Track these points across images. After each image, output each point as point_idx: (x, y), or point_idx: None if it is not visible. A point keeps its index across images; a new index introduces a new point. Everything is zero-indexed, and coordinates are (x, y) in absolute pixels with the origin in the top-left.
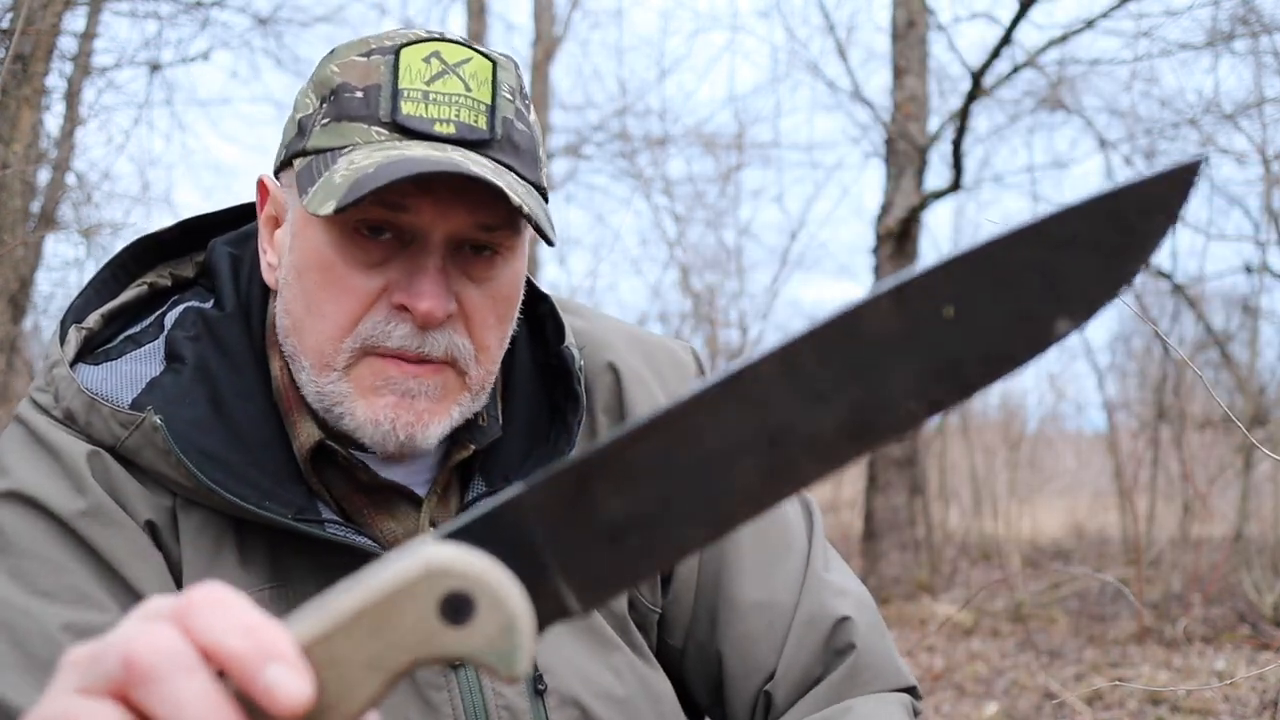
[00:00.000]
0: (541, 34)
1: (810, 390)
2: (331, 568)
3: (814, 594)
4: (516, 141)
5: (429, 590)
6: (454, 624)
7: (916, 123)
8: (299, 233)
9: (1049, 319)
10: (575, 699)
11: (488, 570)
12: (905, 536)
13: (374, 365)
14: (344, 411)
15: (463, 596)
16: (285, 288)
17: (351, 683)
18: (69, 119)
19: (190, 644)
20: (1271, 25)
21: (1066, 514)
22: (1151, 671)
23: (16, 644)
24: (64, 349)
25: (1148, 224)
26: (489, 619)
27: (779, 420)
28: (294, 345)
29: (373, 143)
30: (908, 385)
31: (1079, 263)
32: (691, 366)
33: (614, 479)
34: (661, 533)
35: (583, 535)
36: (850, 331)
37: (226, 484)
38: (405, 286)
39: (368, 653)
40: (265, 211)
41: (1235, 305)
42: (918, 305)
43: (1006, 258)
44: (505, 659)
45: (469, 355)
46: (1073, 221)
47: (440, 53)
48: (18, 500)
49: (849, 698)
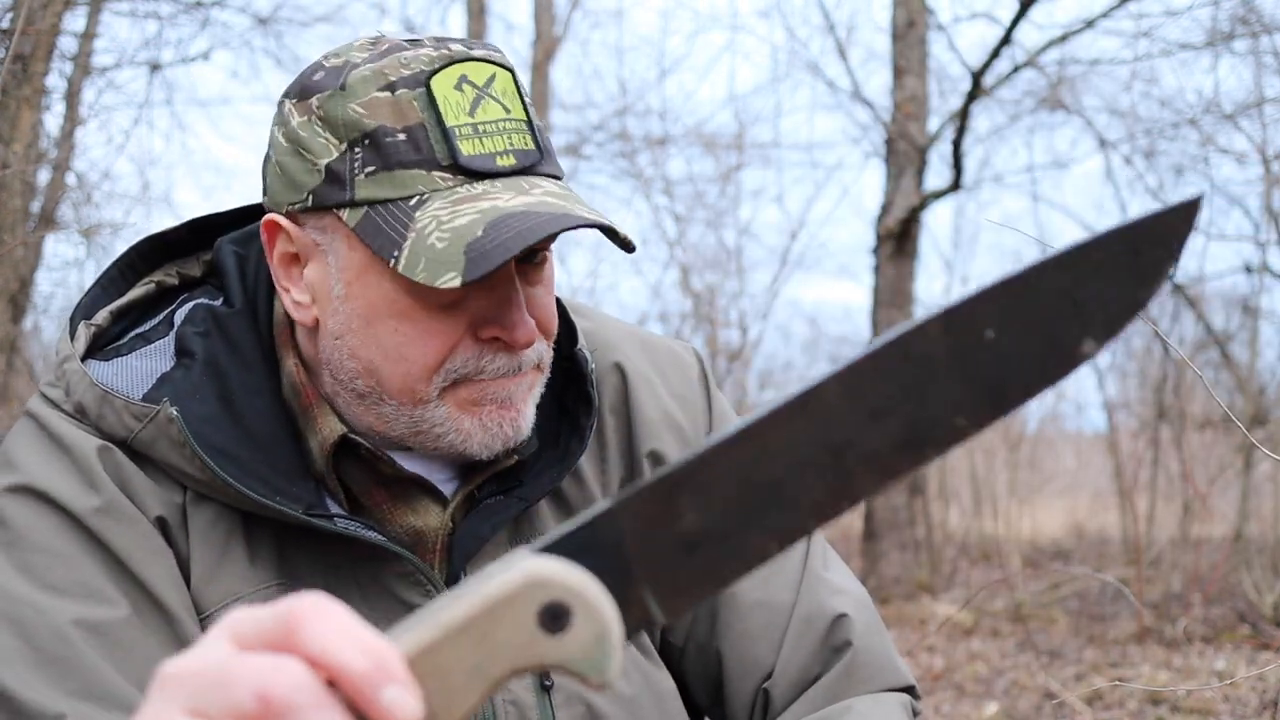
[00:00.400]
0: (541, 34)
1: (869, 408)
2: (339, 565)
3: (812, 592)
4: (546, 145)
5: (529, 601)
6: (551, 633)
7: (916, 123)
8: (357, 280)
9: (1076, 340)
10: (581, 696)
11: (584, 582)
12: (905, 536)
13: (470, 387)
14: (445, 430)
15: (560, 607)
16: (347, 334)
17: (454, 691)
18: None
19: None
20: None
21: (1066, 514)
22: (1151, 671)
23: (26, 639)
24: (74, 344)
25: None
26: (584, 629)
27: (841, 436)
28: (369, 386)
29: (440, 190)
30: (956, 402)
31: (1101, 289)
32: (694, 367)
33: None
34: (734, 545)
35: (665, 547)
36: (904, 353)
37: (238, 478)
38: (496, 320)
39: (470, 662)
40: (279, 249)
41: (1235, 305)
42: (963, 328)
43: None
44: (596, 666)
45: (547, 352)
46: (1094, 252)
47: (467, 75)
48: (29, 494)
49: (846, 696)
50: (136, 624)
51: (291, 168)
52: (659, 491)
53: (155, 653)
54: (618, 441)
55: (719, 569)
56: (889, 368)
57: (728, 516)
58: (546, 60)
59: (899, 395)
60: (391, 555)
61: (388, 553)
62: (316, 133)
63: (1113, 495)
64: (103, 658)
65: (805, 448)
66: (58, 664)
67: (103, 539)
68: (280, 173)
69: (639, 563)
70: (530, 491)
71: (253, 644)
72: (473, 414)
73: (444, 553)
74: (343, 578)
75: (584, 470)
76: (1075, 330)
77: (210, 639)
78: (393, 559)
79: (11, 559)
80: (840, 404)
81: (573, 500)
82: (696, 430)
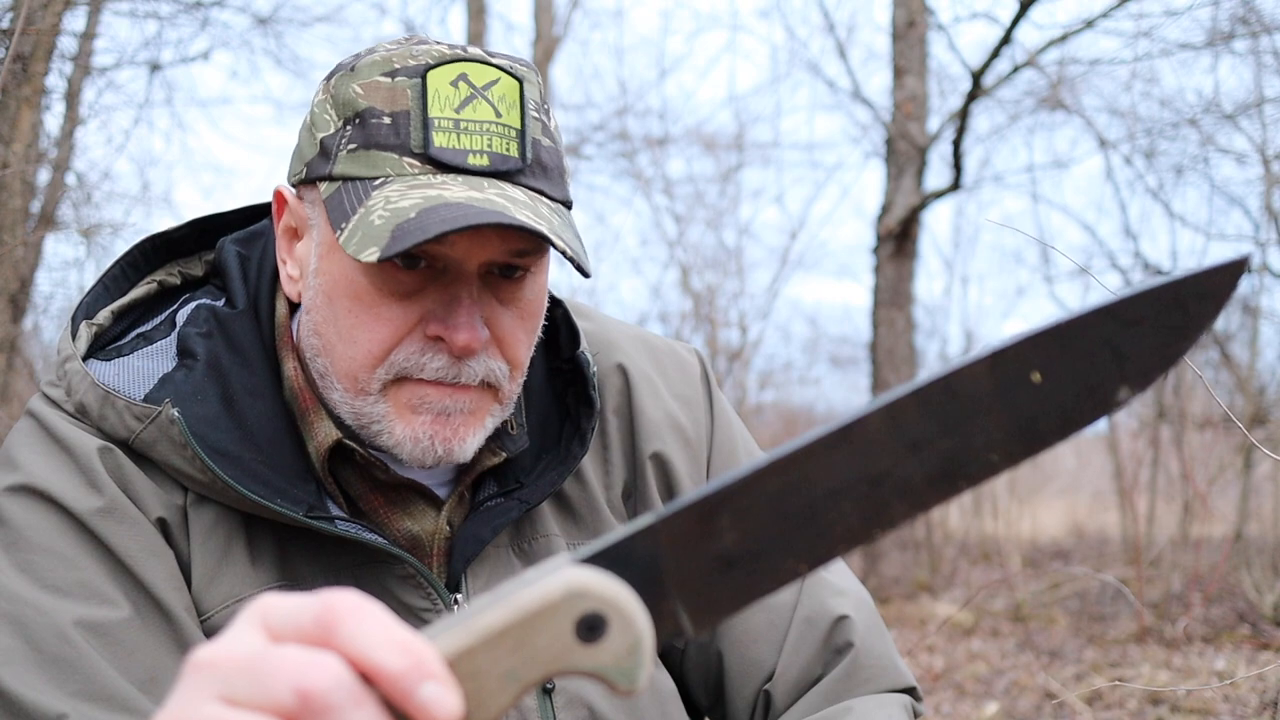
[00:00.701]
0: (541, 34)
1: (910, 441)
2: (340, 566)
3: (813, 593)
4: (545, 162)
5: (568, 611)
6: (586, 642)
7: (916, 122)
8: (326, 255)
9: (1113, 388)
10: (582, 698)
11: (621, 595)
12: (905, 536)
13: (411, 389)
14: (381, 430)
15: (597, 617)
16: (314, 309)
17: (489, 693)
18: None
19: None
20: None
21: (1066, 514)
22: (1151, 671)
23: (28, 639)
24: (75, 344)
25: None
26: (618, 639)
27: (880, 467)
28: (325, 365)
29: (405, 175)
30: (992, 439)
31: (1143, 340)
32: (696, 368)
33: (733, 514)
34: (767, 564)
35: (701, 564)
36: (949, 390)
37: (240, 479)
38: (441, 318)
39: (506, 666)
40: (283, 222)
41: (1235, 305)
42: (1009, 369)
43: (1084, 332)
44: (627, 675)
45: (503, 375)
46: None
47: (468, 75)
48: (30, 495)
49: (847, 697)
50: (137, 625)
51: (302, 141)
52: (700, 511)
53: (156, 653)
54: (620, 442)
55: (750, 587)
56: (933, 403)
57: (763, 538)
58: (546, 60)
59: (939, 430)
60: (392, 558)
61: (388, 555)
62: (325, 110)
63: (1113, 495)
64: (104, 658)
65: (844, 476)
66: (59, 664)
67: (104, 539)
68: (296, 146)
69: (674, 578)
70: (531, 494)
71: (287, 636)
72: (407, 421)
73: (444, 555)
74: (343, 580)
75: (586, 471)
76: (1114, 378)
77: (241, 628)
78: (393, 562)
79: (13, 559)
80: (882, 436)
81: (575, 501)
82: (698, 431)
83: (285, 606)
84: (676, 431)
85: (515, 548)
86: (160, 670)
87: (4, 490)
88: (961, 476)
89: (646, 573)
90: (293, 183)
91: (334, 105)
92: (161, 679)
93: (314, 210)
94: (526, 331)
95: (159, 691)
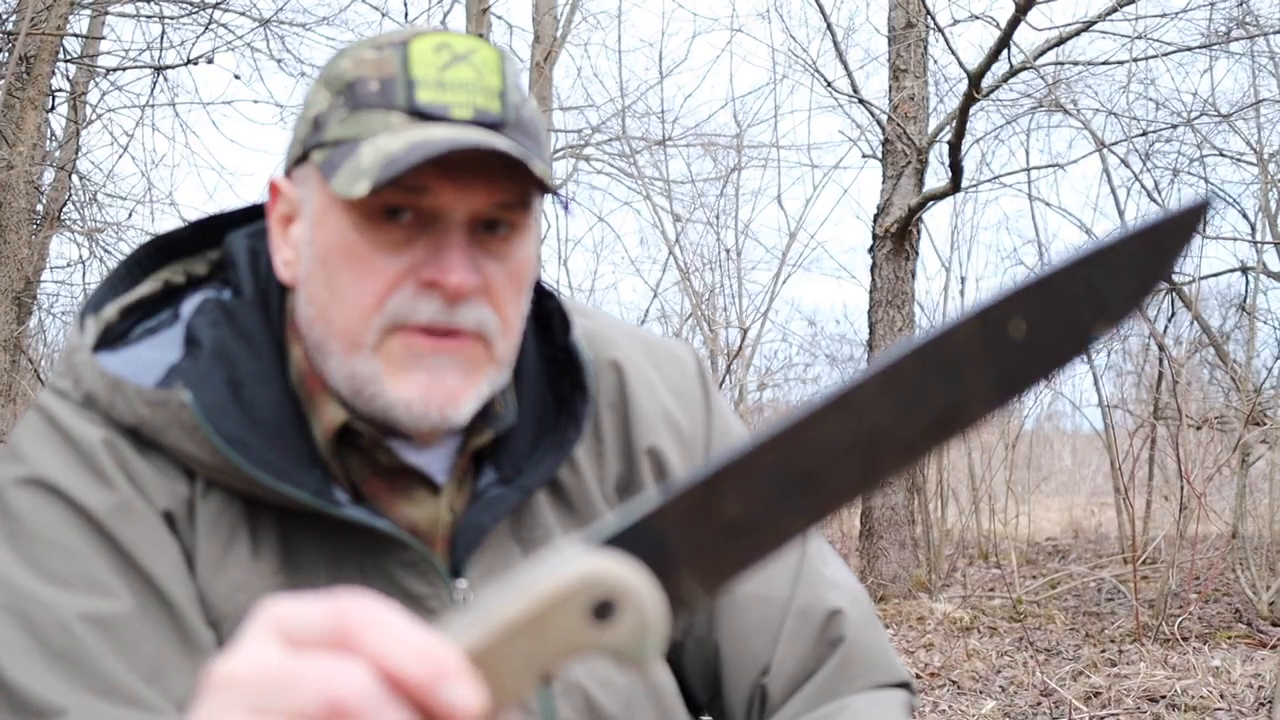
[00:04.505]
0: (542, 35)
1: (905, 399)
2: (343, 554)
3: (809, 586)
4: (526, 124)
5: (583, 597)
6: (598, 625)
7: (915, 124)
8: (319, 222)
9: (1090, 328)
10: (580, 686)
11: (633, 578)
12: (903, 535)
13: (403, 340)
14: (375, 392)
15: (609, 602)
16: (308, 279)
17: (508, 683)
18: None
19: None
20: (1267, 27)
21: (1064, 512)
22: (1148, 669)
23: (33, 633)
24: (83, 337)
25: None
26: (630, 619)
27: (873, 423)
28: (321, 332)
29: (393, 129)
30: (981, 391)
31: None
32: (692, 365)
33: (738, 485)
34: (771, 527)
35: (708, 536)
36: (940, 349)
37: (248, 464)
38: (433, 263)
39: (524, 656)
40: (277, 211)
41: (1231, 305)
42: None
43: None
44: (638, 651)
45: (496, 328)
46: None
47: (449, 44)
48: (37, 487)
49: (841, 691)
50: (141, 618)
51: (297, 127)
52: (706, 485)
53: (161, 647)
54: (615, 436)
55: (755, 550)
56: (927, 362)
57: (767, 504)
58: (547, 61)
59: (930, 387)
60: (396, 544)
61: (392, 542)
62: (318, 91)
63: (1110, 494)
64: (108, 651)
65: (842, 439)
66: (63, 658)
67: (110, 532)
68: (291, 138)
69: (682, 549)
70: (529, 480)
71: (306, 644)
72: (399, 379)
73: (445, 543)
74: (347, 566)
75: (581, 463)
76: (1089, 318)
77: (256, 638)
78: (397, 548)
79: (17, 551)
80: (878, 399)
81: (570, 490)
82: (694, 427)
83: (299, 614)
84: (672, 427)
85: (515, 536)
86: (165, 664)
87: (10, 483)
88: (954, 427)
89: (656, 549)
90: (288, 168)
91: (325, 84)
92: (166, 672)
93: (307, 186)
94: (515, 292)
95: (163, 685)
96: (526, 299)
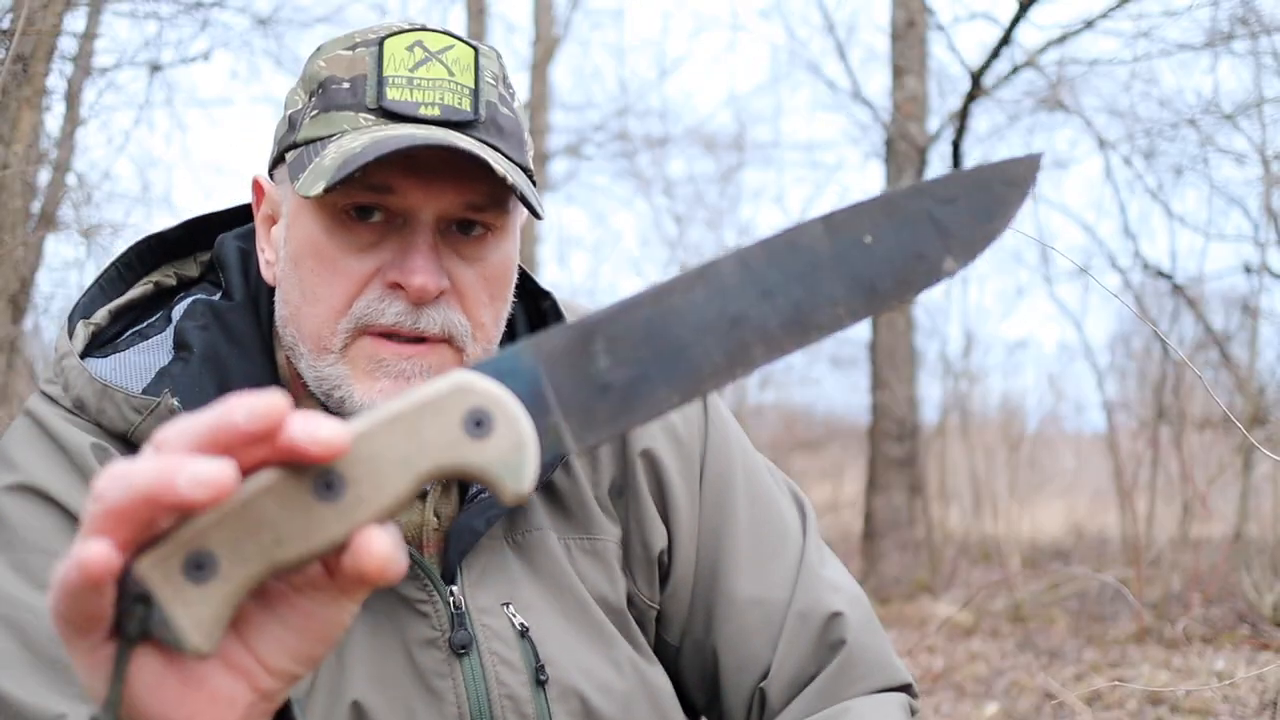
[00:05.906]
0: (541, 34)
1: (761, 287)
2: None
3: (808, 589)
4: (501, 124)
5: (455, 404)
6: (474, 438)
7: (916, 123)
8: (293, 223)
9: (940, 257)
10: (576, 690)
11: (506, 395)
12: (905, 536)
13: (368, 346)
14: (343, 395)
15: (484, 413)
16: (283, 279)
17: (383, 478)
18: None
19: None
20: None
21: (1066, 514)
22: (1151, 672)
23: (24, 641)
24: (72, 342)
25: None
26: (504, 435)
27: (737, 309)
28: (293, 334)
29: (360, 128)
30: (836, 293)
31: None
32: None
33: (607, 340)
34: (641, 391)
35: (580, 384)
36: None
37: None
38: (398, 265)
39: (399, 453)
40: (261, 211)
41: (1235, 305)
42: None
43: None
44: (514, 472)
45: (465, 332)
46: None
47: (423, 41)
48: (27, 493)
49: (842, 694)
50: None
51: (278, 127)
52: (575, 334)
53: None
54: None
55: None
56: (778, 255)
57: (637, 365)
58: (547, 60)
59: (786, 280)
60: None
61: None
62: (296, 91)
63: (1112, 495)
64: None
65: (706, 314)
66: (56, 666)
67: None
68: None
69: (555, 394)
70: None
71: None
72: (365, 384)
73: (435, 547)
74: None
75: (576, 467)
76: (938, 247)
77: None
78: None
79: (8, 559)
80: (735, 281)
81: (565, 493)
82: (690, 430)
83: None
84: (668, 430)
85: (509, 540)
86: None
87: (1, 489)
88: (812, 325)
89: (529, 386)
90: (270, 168)
91: (302, 83)
92: None
93: (284, 186)
94: (490, 294)
95: None
96: (504, 302)
